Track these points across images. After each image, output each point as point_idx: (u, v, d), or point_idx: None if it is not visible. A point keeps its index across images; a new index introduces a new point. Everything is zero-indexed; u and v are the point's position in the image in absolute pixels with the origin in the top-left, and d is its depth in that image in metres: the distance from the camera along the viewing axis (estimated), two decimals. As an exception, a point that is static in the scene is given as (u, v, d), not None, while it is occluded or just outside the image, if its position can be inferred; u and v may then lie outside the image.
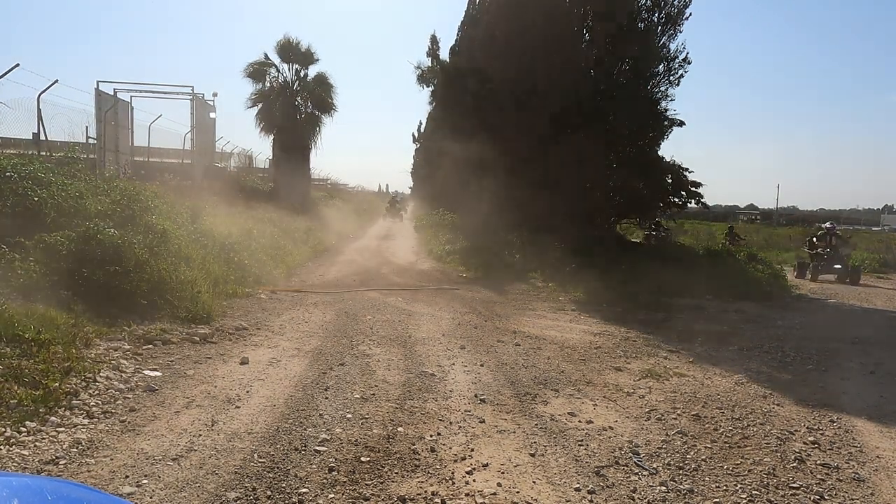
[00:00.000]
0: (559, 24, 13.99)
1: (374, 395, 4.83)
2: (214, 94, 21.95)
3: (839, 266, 15.29)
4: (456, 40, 20.45)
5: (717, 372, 6.04)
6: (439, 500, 3.18)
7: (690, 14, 14.44)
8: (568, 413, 4.61)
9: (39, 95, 12.31)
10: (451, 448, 3.86)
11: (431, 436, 4.03)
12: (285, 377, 5.16)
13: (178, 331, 6.30)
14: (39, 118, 12.43)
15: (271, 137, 24.39)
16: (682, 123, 15.25)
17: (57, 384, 4.19)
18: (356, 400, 4.67)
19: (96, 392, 4.39)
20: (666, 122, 15.04)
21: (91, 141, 15.16)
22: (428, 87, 28.09)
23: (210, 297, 7.50)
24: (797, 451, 4.06)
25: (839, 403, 5.17)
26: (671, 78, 14.79)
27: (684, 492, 3.41)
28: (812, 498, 3.41)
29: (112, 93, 17.15)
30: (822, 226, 17.23)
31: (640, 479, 3.55)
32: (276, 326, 7.12)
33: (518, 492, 3.32)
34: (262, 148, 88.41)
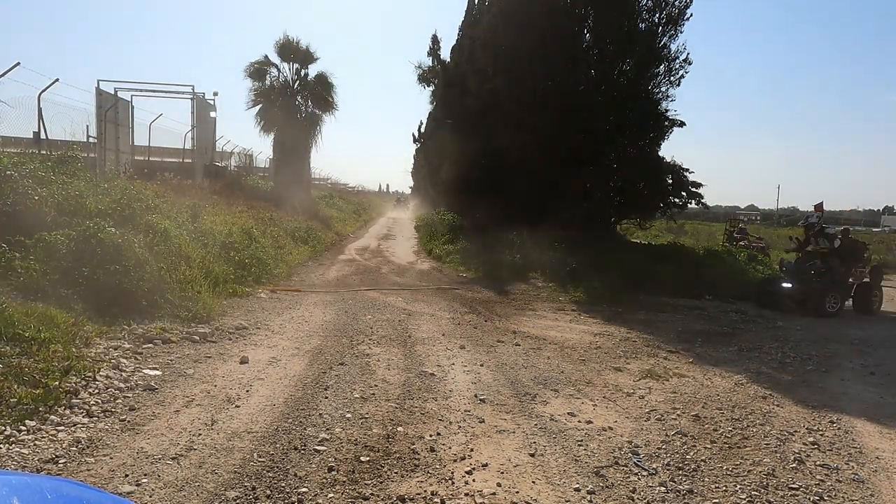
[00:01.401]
0: (560, 24, 13.99)
1: (373, 394, 4.83)
2: (215, 94, 21.93)
3: (789, 284, 10.10)
4: (457, 40, 20.45)
5: (717, 372, 6.04)
6: (439, 500, 3.18)
7: (691, 15, 14.46)
8: (568, 413, 4.61)
9: (40, 94, 12.31)
10: (450, 448, 3.86)
11: (431, 435, 4.03)
12: (285, 376, 5.16)
13: (178, 330, 6.30)
14: (40, 117, 12.42)
15: (271, 137, 24.38)
16: (682, 124, 15.28)
17: (57, 383, 4.19)
18: (356, 399, 4.67)
19: (96, 391, 4.39)
20: (666, 123, 15.06)
21: (91, 140, 15.16)
22: (429, 86, 28.12)
23: (210, 296, 7.50)
24: (797, 451, 4.06)
25: (839, 404, 5.17)
26: (672, 78, 14.81)
27: (684, 492, 3.41)
28: (811, 499, 3.41)
29: (113, 92, 17.16)
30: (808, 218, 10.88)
31: (639, 479, 3.55)
32: (276, 326, 7.12)
33: (518, 492, 3.31)
34: (262, 147, 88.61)
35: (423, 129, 31.77)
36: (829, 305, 9.84)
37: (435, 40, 22.15)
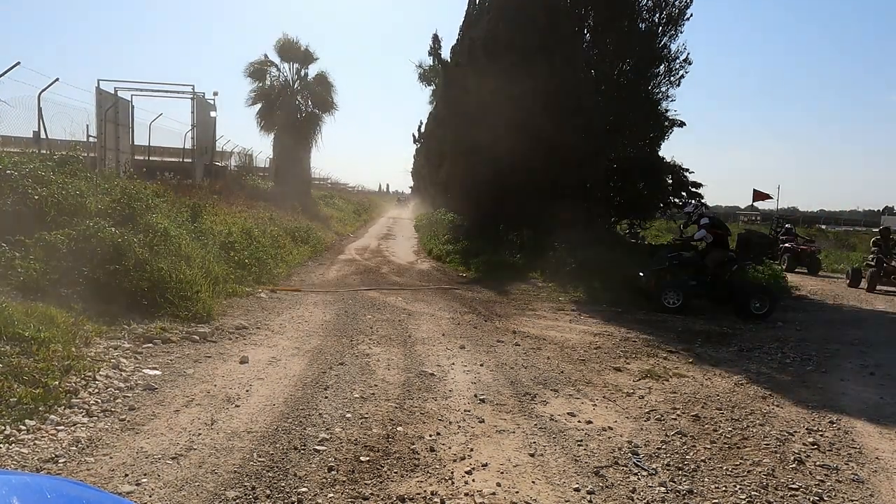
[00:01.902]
0: (560, 24, 13.98)
1: (373, 394, 4.83)
2: (215, 93, 21.93)
3: (641, 273, 9.91)
4: (457, 40, 20.43)
5: (717, 372, 6.03)
6: (438, 500, 3.18)
7: (691, 15, 14.46)
8: (567, 413, 4.60)
9: (40, 94, 12.30)
10: (450, 448, 3.86)
11: (431, 435, 4.03)
12: (285, 376, 5.16)
13: (177, 330, 6.30)
14: (40, 116, 12.42)
15: (272, 136, 24.39)
16: (682, 124, 15.28)
17: (56, 382, 4.19)
18: (356, 399, 4.67)
19: (96, 391, 4.39)
20: (666, 123, 15.06)
21: (92, 139, 15.17)
22: (429, 85, 28.12)
23: (210, 296, 7.49)
24: (797, 452, 4.06)
25: (839, 405, 5.16)
26: (672, 78, 14.80)
27: (683, 492, 3.41)
28: (811, 499, 3.41)
29: (113, 91, 17.17)
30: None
31: (639, 479, 3.55)
32: (276, 325, 7.12)
33: (517, 492, 3.31)
34: (262, 147, 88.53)
35: (422, 129, 31.78)
36: (668, 301, 9.43)
37: (436, 39, 22.10)
